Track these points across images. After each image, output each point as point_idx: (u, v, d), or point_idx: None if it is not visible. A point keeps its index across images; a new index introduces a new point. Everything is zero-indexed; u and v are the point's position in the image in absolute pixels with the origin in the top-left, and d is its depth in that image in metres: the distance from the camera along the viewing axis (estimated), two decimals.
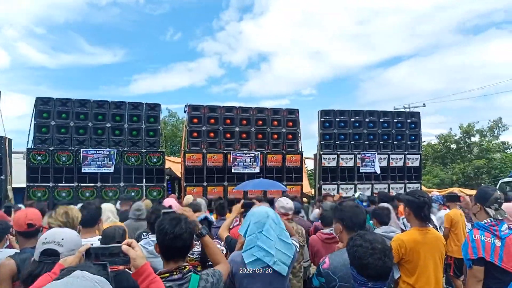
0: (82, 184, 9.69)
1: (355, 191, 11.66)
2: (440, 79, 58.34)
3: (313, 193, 13.37)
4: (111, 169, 9.83)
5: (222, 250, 3.20)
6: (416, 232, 3.05)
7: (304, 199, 10.79)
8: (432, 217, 6.69)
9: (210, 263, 2.63)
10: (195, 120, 11.00)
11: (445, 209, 7.08)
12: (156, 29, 72.23)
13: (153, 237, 3.05)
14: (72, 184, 9.62)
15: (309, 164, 19.59)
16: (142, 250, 1.70)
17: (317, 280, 2.34)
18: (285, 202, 4.02)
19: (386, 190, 11.96)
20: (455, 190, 16.12)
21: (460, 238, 6.05)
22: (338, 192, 11.82)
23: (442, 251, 3.09)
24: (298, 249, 2.69)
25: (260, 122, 11.44)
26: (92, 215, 3.16)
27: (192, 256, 3.39)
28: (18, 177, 10.16)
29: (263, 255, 2.39)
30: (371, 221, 4.65)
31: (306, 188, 14.47)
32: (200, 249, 3.61)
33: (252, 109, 11.46)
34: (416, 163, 12.51)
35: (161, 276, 1.92)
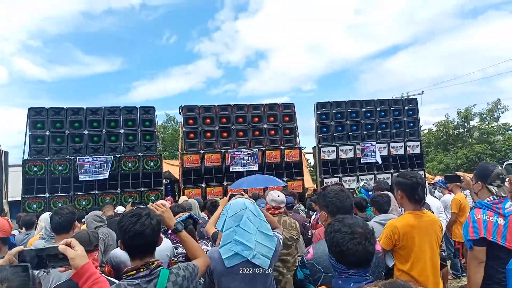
0: (78, 193, 9.61)
1: (358, 182, 11.50)
2: (439, 66, 58.01)
3: (315, 187, 13.21)
4: (106, 175, 9.72)
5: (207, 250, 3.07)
6: (410, 216, 2.87)
7: (310, 190, 10.62)
8: (435, 201, 6.57)
9: None
10: (191, 121, 10.90)
11: (449, 194, 6.94)
12: (152, 34, 72.27)
13: None
14: (69, 194, 9.53)
15: (311, 160, 19.49)
16: (83, 250, 1.59)
17: (301, 272, 2.21)
18: (276, 195, 3.87)
19: (389, 180, 11.81)
20: (458, 173, 15.92)
21: None
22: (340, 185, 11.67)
23: (438, 234, 2.91)
24: (281, 241, 2.55)
25: (256, 119, 11.33)
26: (65, 221, 3.04)
27: (176, 259, 3.27)
28: (18, 190, 10.08)
29: (241, 249, 2.26)
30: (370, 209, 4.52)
31: (309, 183, 14.34)
32: (184, 251, 3.49)
33: (247, 106, 11.33)
34: (417, 150, 12.33)
35: (128, 274, 1.82)
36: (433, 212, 5.34)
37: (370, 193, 6.71)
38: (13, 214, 9.48)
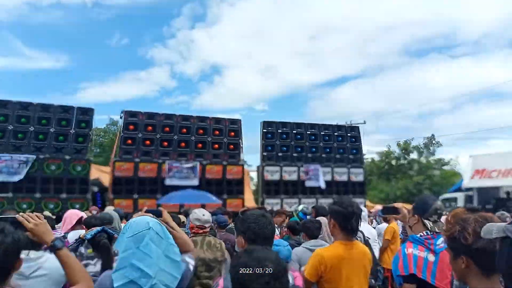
0: None
1: (299, 205, 11.34)
2: (383, 99, 61.02)
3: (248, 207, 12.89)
4: (20, 177, 8.74)
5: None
6: (340, 247, 2.63)
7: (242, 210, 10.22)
8: (371, 229, 6.49)
9: None
10: (131, 127, 10.24)
11: (385, 223, 6.94)
12: (102, 34, 68.92)
13: (22, 254, 2.41)
14: None
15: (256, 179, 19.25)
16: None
17: None
18: (201, 214, 3.54)
19: None
20: (396, 204, 16.39)
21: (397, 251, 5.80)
22: (281, 207, 11.42)
23: (367, 268, 2.70)
24: (191, 267, 2.15)
25: (201, 131, 10.91)
26: None
27: None
28: None
29: (138, 276, 1.82)
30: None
31: (250, 202, 13.97)
32: (96, 269, 2.98)
33: (193, 117, 10.91)
34: (360, 178, 12.48)
35: None
36: (368, 240, 5.23)
37: (308, 217, 6.53)
38: None
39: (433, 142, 29.76)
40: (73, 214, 5.05)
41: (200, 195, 8.43)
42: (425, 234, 2.59)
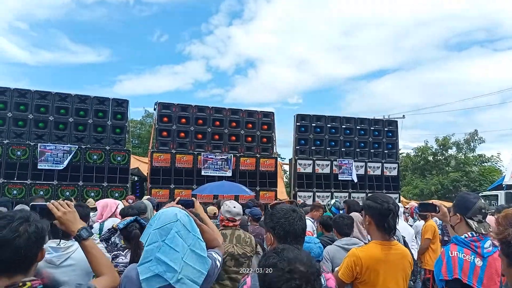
0: (36, 182, 8.97)
1: (332, 199, 11.23)
2: (421, 93, 58.94)
3: (285, 200, 12.88)
4: (63, 165, 9.13)
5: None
6: (376, 247, 2.49)
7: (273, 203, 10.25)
8: (408, 228, 6.30)
9: None
10: (165, 119, 10.44)
11: (420, 220, 6.72)
12: (143, 31, 70.93)
13: (52, 243, 2.50)
14: (25, 181, 8.89)
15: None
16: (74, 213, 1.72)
17: None
18: (232, 206, 3.48)
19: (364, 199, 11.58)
20: (434, 201, 15.92)
21: (438, 250, 5.61)
22: (313, 200, 11.36)
23: (407, 271, 2.55)
24: (218, 263, 2.13)
25: (234, 124, 10.95)
26: None
27: (116, 269, 2.82)
28: None
29: (164, 270, 1.82)
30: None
31: (282, 194, 14.00)
32: (127, 260, 3.06)
33: (226, 110, 10.96)
34: (394, 173, 12.18)
35: None
36: (404, 239, 5.07)
37: (341, 211, 6.40)
38: None
39: (475, 138, 28.54)
40: (112, 203, 5.17)
41: (234, 186, 8.46)
42: (470, 235, 2.42)
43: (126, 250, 3.10)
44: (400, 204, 6.42)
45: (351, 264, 2.45)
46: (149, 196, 7.90)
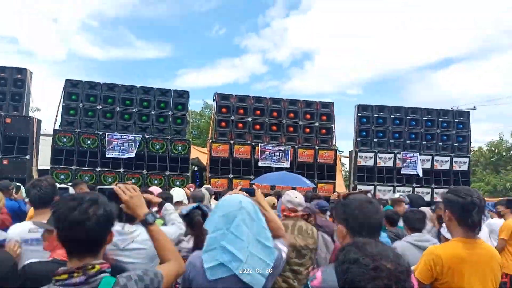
0: (105, 169, 9.50)
1: (394, 193, 10.70)
2: (494, 83, 54.35)
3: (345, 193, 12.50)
4: (132, 154, 9.54)
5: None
6: (459, 245, 2.22)
7: (334, 194, 9.94)
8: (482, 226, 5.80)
9: None
10: (224, 110, 10.55)
11: (497, 218, 6.14)
12: (202, 25, 72.90)
13: (116, 226, 2.53)
14: (95, 169, 9.44)
15: (347, 165, 18.63)
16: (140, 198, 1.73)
17: None
18: (294, 196, 3.36)
19: (430, 195, 10.92)
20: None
21: None
22: (374, 194, 10.90)
23: (496, 273, 2.24)
24: (284, 255, 2.02)
25: (292, 115, 10.78)
26: (44, 194, 2.68)
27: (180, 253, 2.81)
28: (47, 159, 10.14)
29: (228, 260, 1.75)
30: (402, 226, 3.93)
31: (341, 187, 13.60)
32: (190, 245, 3.06)
33: (284, 100, 10.81)
34: (464, 167, 11.30)
35: (57, 278, 1.38)
36: None
37: (406, 206, 6.04)
38: None
39: None
40: (153, 191, 5.16)
41: (293, 177, 8.28)
42: None
43: (188, 236, 3.10)
44: None
45: (430, 263, 2.21)
46: (208, 186, 8.01)
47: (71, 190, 3.76)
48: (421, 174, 10.90)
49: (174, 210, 2.96)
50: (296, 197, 3.38)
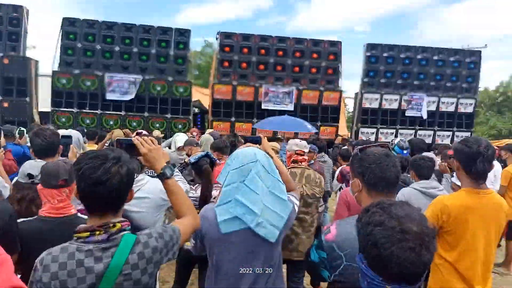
0: (106, 112, 9.39)
1: (396, 136, 10.66)
2: (509, 21, 51.99)
3: (349, 136, 12.50)
4: (132, 96, 9.37)
5: None
6: (466, 195, 2.25)
7: (338, 138, 9.93)
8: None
9: None
10: (227, 49, 10.17)
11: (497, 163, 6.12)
12: None
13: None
14: (96, 111, 9.33)
15: (350, 106, 18.45)
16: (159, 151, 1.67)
17: (316, 254, 1.66)
18: (297, 140, 3.42)
19: (431, 138, 10.88)
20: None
21: None
22: (377, 137, 10.86)
23: (501, 222, 2.28)
24: (296, 208, 1.99)
25: (298, 54, 10.40)
26: (48, 144, 2.62)
27: None
28: (48, 101, 10.00)
29: (243, 213, 1.72)
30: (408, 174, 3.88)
31: (343, 130, 13.57)
32: (197, 194, 3.05)
33: (290, 39, 10.38)
34: (470, 109, 11.13)
35: (79, 235, 1.37)
36: None
37: (405, 151, 5.96)
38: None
39: None
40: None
41: (296, 122, 8.14)
42: None
43: (196, 185, 3.09)
44: None
45: (437, 212, 2.25)
46: (211, 130, 7.94)
47: (75, 139, 3.70)
48: (425, 117, 10.78)
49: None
50: (300, 140, 3.50)
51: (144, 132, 5.07)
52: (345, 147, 6.88)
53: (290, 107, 10.13)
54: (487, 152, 2.20)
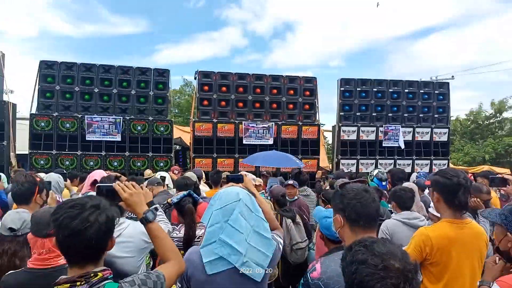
0: (86, 153, 9.29)
1: (376, 166, 10.90)
2: (473, 52, 55.11)
3: (330, 168, 12.69)
4: (117, 137, 9.36)
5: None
6: (447, 226, 2.32)
7: (319, 172, 10.05)
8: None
9: None
10: (206, 88, 10.34)
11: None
12: None
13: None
14: (76, 152, 9.23)
15: (329, 138, 18.80)
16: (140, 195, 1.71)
17: None
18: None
19: (410, 167, 11.16)
20: (486, 168, 15.10)
21: None
22: (357, 168, 11.07)
23: (482, 252, 2.36)
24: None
25: (275, 91, 10.67)
26: (23, 190, 2.65)
27: None
28: (25, 144, 9.84)
29: (228, 253, 1.74)
30: (389, 205, 3.98)
31: (324, 162, 13.80)
32: (181, 235, 3.03)
33: (267, 76, 10.68)
34: (444, 138, 11.56)
35: (59, 287, 1.35)
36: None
37: (384, 183, 6.06)
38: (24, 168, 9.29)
39: None
40: (94, 175, 4.47)
41: (284, 157, 8.12)
42: None
43: (180, 225, 3.07)
44: None
45: (420, 244, 2.29)
46: (197, 168, 7.94)
47: (54, 182, 3.66)
48: (403, 147, 11.10)
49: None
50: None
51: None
52: (327, 188, 6.79)
53: (271, 142, 10.28)
54: (466, 183, 2.28)
